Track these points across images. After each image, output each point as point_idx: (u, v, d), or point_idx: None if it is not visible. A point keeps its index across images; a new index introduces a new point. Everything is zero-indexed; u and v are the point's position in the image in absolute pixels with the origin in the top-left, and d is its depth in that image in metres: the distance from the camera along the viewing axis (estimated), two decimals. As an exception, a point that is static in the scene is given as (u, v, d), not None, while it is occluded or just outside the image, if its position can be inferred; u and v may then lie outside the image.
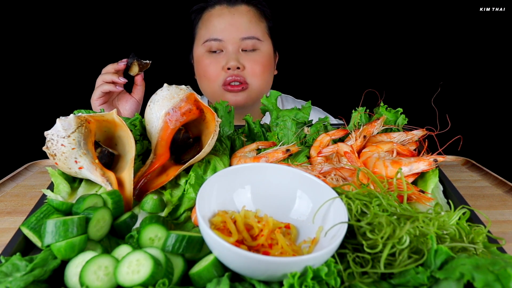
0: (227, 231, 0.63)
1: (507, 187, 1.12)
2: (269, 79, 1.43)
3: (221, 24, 1.33)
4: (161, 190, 0.83)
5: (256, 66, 1.34)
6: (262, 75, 1.37)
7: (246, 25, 1.33)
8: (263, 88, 1.41)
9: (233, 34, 1.32)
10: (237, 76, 1.33)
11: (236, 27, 1.32)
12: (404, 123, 1.05)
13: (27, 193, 1.12)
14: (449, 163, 1.31)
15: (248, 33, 1.33)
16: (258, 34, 1.34)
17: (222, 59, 1.34)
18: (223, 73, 1.34)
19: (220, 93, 1.38)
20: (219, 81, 1.36)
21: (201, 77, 1.42)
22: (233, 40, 1.33)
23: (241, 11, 1.34)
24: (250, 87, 1.37)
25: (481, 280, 0.47)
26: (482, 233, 0.65)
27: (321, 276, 0.55)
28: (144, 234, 0.64)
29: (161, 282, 0.55)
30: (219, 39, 1.33)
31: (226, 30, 1.33)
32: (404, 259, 0.57)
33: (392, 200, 0.67)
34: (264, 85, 1.41)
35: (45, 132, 0.81)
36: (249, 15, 1.35)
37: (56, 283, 0.59)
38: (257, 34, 1.34)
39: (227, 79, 1.34)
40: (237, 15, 1.33)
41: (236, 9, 1.35)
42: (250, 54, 1.35)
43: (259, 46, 1.35)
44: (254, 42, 1.34)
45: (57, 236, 0.60)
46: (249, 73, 1.35)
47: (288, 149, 0.95)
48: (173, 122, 0.87)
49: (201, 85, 1.46)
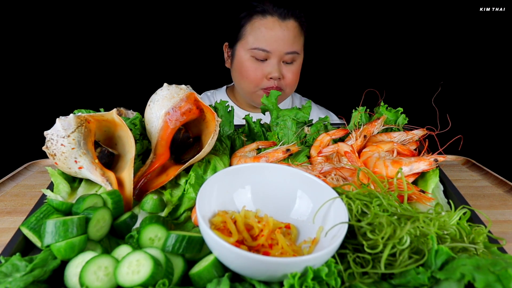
0: (227, 231, 0.63)
1: (507, 187, 1.12)
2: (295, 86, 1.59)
3: (271, 37, 1.42)
4: (161, 190, 0.83)
5: (293, 77, 1.50)
6: (295, 83, 1.56)
7: (292, 40, 1.43)
8: (292, 92, 1.62)
9: (280, 47, 1.42)
10: (277, 84, 1.48)
11: (283, 42, 1.42)
12: (404, 123, 1.05)
13: (27, 193, 1.12)
14: (450, 163, 1.30)
15: (292, 48, 1.44)
16: (298, 49, 1.47)
17: (265, 68, 1.46)
18: (265, 80, 1.48)
19: (257, 93, 1.52)
20: (259, 84, 1.49)
21: (242, 76, 1.52)
22: (278, 53, 1.43)
23: (290, 26, 1.43)
24: (283, 92, 1.53)
25: (481, 280, 0.47)
26: (483, 233, 0.64)
27: (321, 277, 0.55)
28: (144, 234, 0.64)
29: (161, 283, 0.55)
30: (267, 50, 1.43)
31: (275, 43, 1.42)
32: (405, 259, 0.57)
33: (393, 200, 0.67)
34: (294, 90, 1.60)
35: (45, 132, 0.81)
36: (295, 30, 1.45)
37: (56, 283, 0.59)
38: (298, 49, 1.47)
39: (268, 86, 1.48)
40: (286, 30, 1.42)
41: (286, 24, 1.43)
42: (289, 66, 1.48)
43: (296, 58, 1.49)
44: (294, 56, 1.47)
45: (57, 236, 0.60)
46: (286, 82, 1.50)
47: (288, 149, 0.95)
48: (173, 121, 0.87)
49: (239, 81, 1.57)
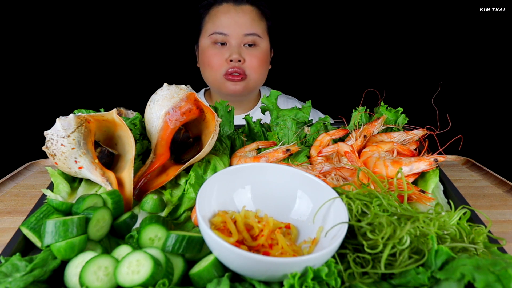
0: (227, 231, 0.63)
1: (507, 187, 1.12)
2: (264, 73, 1.60)
3: (227, 20, 1.48)
4: (161, 190, 0.83)
5: (255, 60, 1.50)
6: (259, 68, 1.53)
7: (249, 22, 1.48)
8: (259, 80, 1.58)
9: (237, 30, 1.47)
10: (238, 68, 1.49)
11: (240, 24, 1.48)
12: (404, 123, 1.05)
13: (27, 193, 1.12)
14: (450, 163, 1.30)
15: (250, 30, 1.48)
16: (258, 32, 1.50)
17: (225, 52, 1.49)
18: (225, 64, 1.49)
19: (221, 81, 1.53)
20: (221, 70, 1.51)
21: (205, 66, 1.56)
22: (236, 35, 1.48)
23: (245, 10, 1.50)
24: (248, 78, 1.53)
25: (482, 280, 0.47)
26: (483, 233, 0.64)
27: (321, 277, 0.54)
28: (144, 234, 0.64)
29: (161, 283, 0.55)
30: (224, 33, 1.48)
31: (231, 26, 1.48)
32: (405, 259, 0.57)
33: (393, 200, 0.67)
34: (260, 77, 1.58)
35: (45, 132, 0.81)
36: (252, 14, 1.50)
37: (56, 283, 0.59)
38: (258, 32, 1.50)
39: (229, 70, 1.49)
40: (242, 13, 1.49)
41: (241, 7, 1.50)
42: (250, 49, 1.50)
43: (258, 42, 1.51)
44: (255, 38, 1.49)
45: (57, 236, 0.60)
46: (248, 66, 1.51)
47: (288, 149, 0.95)
48: (173, 121, 0.87)
49: (204, 73, 1.60)
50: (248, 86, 1.55)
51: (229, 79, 1.50)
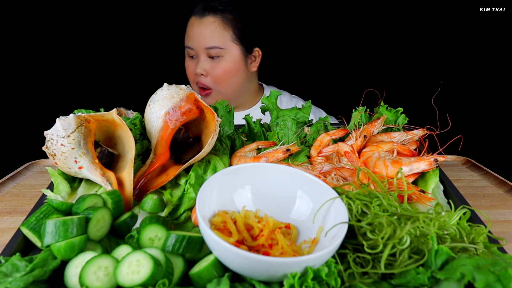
0: (227, 231, 0.63)
1: (507, 187, 1.12)
2: (234, 82, 1.57)
3: (193, 34, 1.52)
4: (161, 190, 0.83)
5: (219, 72, 1.51)
6: (225, 80, 1.53)
7: (209, 35, 1.48)
8: (229, 91, 1.57)
9: (200, 43, 1.50)
10: (202, 82, 1.54)
11: (201, 38, 1.49)
12: (404, 123, 1.05)
13: (27, 193, 1.12)
14: (450, 163, 1.30)
15: (210, 43, 1.48)
16: (220, 43, 1.48)
17: (195, 64, 1.55)
18: (195, 77, 1.56)
19: (197, 91, 1.59)
20: (195, 82, 1.58)
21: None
22: (199, 49, 1.51)
23: (206, 23, 1.48)
24: (214, 91, 1.56)
25: (482, 280, 0.47)
26: (483, 233, 0.64)
27: (321, 277, 0.55)
28: (144, 234, 0.64)
29: (161, 283, 0.55)
30: (191, 47, 1.53)
31: (195, 39, 1.51)
32: (405, 259, 0.57)
33: (393, 200, 0.67)
34: (231, 88, 1.57)
35: (45, 132, 0.81)
36: (214, 25, 1.48)
37: (56, 283, 0.59)
38: (219, 44, 1.48)
39: (198, 83, 1.57)
40: (203, 26, 1.49)
41: (203, 20, 1.49)
42: (214, 62, 1.51)
43: (223, 53, 1.49)
44: (217, 50, 1.49)
45: (57, 236, 0.60)
46: (212, 79, 1.53)
47: (288, 149, 0.95)
48: (173, 121, 0.87)
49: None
50: (219, 97, 1.54)
51: (201, 93, 1.57)
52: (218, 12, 1.48)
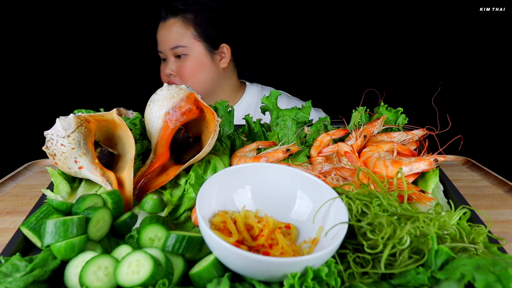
0: (227, 231, 0.63)
1: (507, 187, 1.12)
2: (202, 78, 1.63)
3: (160, 37, 1.61)
4: (161, 190, 0.83)
5: (184, 69, 1.58)
6: (192, 76, 1.59)
7: (172, 36, 1.56)
8: (197, 87, 1.62)
9: (165, 45, 1.59)
10: (172, 81, 1.61)
11: (165, 40, 1.58)
12: (404, 123, 1.05)
13: (27, 193, 1.12)
14: (450, 163, 1.30)
15: (173, 43, 1.56)
16: (182, 42, 1.55)
17: (165, 67, 1.64)
18: (167, 78, 1.64)
19: None
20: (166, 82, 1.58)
21: None
22: (166, 51, 1.60)
23: (169, 25, 1.57)
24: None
25: (482, 280, 0.47)
26: (483, 233, 0.64)
27: (321, 277, 0.55)
28: (144, 234, 0.64)
29: (161, 283, 0.55)
30: (160, 51, 1.63)
31: (162, 43, 1.61)
32: (405, 259, 0.57)
33: (393, 200, 0.67)
34: (197, 84, 1.62)
35: (45, 132, 0.81)
36: (175, 26, 1.56)
37: (56, 283, 0.59)
38: (182, 42, 1.55)
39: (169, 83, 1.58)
40: (166, 29, 1.58)
41: (166, 23, 1.58)
42: (180, 61, 1.59)
43: (187, 51, 1.57)
44: (181, 49, 1.56)
45: (57, 236, 0.60)
46: (180, 77, 1.60)
47: (288, 149, 0.95)
48: (173, 121, 0.87)
49: None
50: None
51: None
52: (179, 12, 1.56)
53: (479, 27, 2.29)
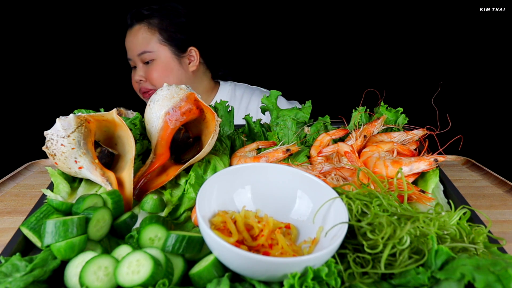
0: (227, 231, 0.63)
1: (507, 187, 1.12)
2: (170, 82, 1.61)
3: (127, 45, 1.63)
4: (161, 190, 0.83)
5: (154, 73, 1.58)
6: (160, 81, 1.59)
7: (138, 42, 1.57)
8: None
9: (133, 52, 1.60)
10: (143, 87, 1.64)
11: (132, 46, 1.60)
12: (404, 123, 1.05)
13: (27, 193, 1.12)
14: (450, 163, 1.30)
15: (139, 49, 1.57)
16: (148, 48, 1.56)
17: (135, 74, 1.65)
18: (137, 85, 1.67)
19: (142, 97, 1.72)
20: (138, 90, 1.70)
21: None
22: (134, 58, 1.61)
23: (135, 31, 1.58)
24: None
25: (482, 280, 0.47)
26: (483, 233, 0.64)
27: (321, 277, 0.55)
28: (144, 234, 0.64)
29: (161, 283, 0.55)
30: (129, 58, 1.65)
31: (129, 49, 1.62)
32: (405, 259, 0.57)
33: (393, 200, 0.67)
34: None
35: (45, 132, 0.81)
36: (140, 32, 1.57)
37: (56, 283, 0.59)
38: (147, 48, 1.56)
39: (140, 89, 1.67)
40: (131, 36, 1.59)
41: (131, 30, 1.59)
42: (148, 66, 1.60)
43: (153, 56, 1.57)
44: (148, 54, 1.57)
45: (57, 236, 0.60)
46: (150, 82, 1.61)
47: (288, 149, 0.95)
48: (173, 121, 0.87)
49: None
50: None
51: (145, 97, 1.68)
52: (144, 18, 1.56)
53: (479, 27, 2.29)
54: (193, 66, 1.64)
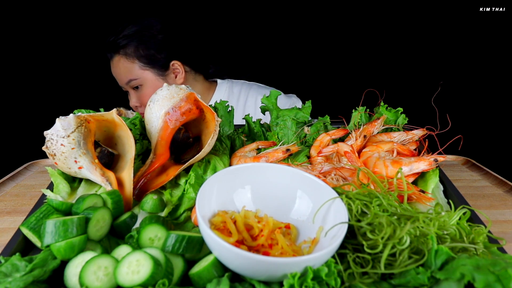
0: (227, 231, 0.63)
1: (507, 187, 1.12)
2: None
3: (114, 74, 1.64)
4: (161, 190, 0.83)
5: (144, 99, 1.59)
6: None
7: (121, 72, 1.58)
8: None
9: (121, 82, 1.62)
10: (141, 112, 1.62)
11: (118, 76, 1.62)
12: (404, 123, 1.05)
13: (27, 193, 1.12)
14: (450, 163, 1.30)
15: (125, 78, 1.58)
16: (132, 75, 1.57)
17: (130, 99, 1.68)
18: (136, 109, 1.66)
19: None
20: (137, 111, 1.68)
21: None
22: (123, 86, 1.63)
23: (116, 63, 1.59)
24: None
25: (481, 280, 0.47)
26: (483, 233, 0.64)
27: (321, 277, 0.54)
28: (144, 234, 0.64)
29: (161, 283, 0.55)
30: (120, 85, 1.66)
31: (117, 78, 1.64)
32: (405, 259, 0.57)
33: (393, 200, 0.67)
34: None
35: (45, 132, 0.81)
36: (120, 62, 1.57)
37: (55, 283, 0.59)
38: (131, 76, 1.57)
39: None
40: (114, 67, 1.60)
41: (113, 61, 1.60)
42: (138, 91, 1.61)
43: (141, 82, 1.58)
44: (134, 82, 1.58)
45: (56, 236, 0.60)
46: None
47: (288, 149, 0.95)
48: (173, 121, 0.87)
49: None
50: None
51: None
52: (119, 49, 1.55)
53: (479, 27, 2.29)
54: (180, 78, 1.63)
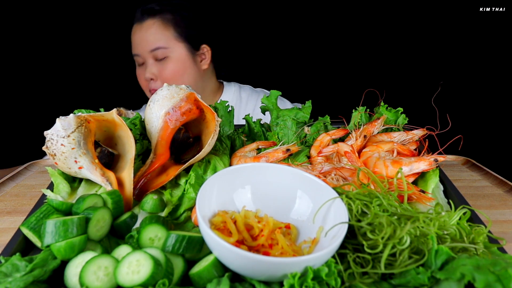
0: (227, 231, 0.63)
1: (507, 187, 1.11)
2: (185, 81, 1.56)
3: (136, 40, 1.54)
4: (161, 190, 0.83)
5: (167, 72, 1.52)
6: (174, 80, 1.52)
7: (151, 37, 1.50)
8: None
9: (144, 48, 1.51)
10: (153, 87, 1.55)
11: (144, 42, 1.51)
12: (404, 123, 1.05)
13: (27, 193, 1.12)
14: (450, 163, 1.30)
15: (153, 45, 1.49)
16: (163, 43, 1.49)
17: (143, 71, 1.56)
18: (147, 83, 1.57)
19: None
20: (147, 89, 1.60)
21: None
22: (145, 54, 1.52)
23: (147, 26, 1.50)
24: None
25: (482, 280, 0.47)
26: (483, 233, 0.64)
27: (321, 277, 0.55)
28: (144, 234, 0.64)
29: (161, 283, 0.55)
30: (137, 54, 1.55)
31: (139, 45, 1.53)
32: (405, 259, 0.57)
33: (393, 200, 0.67)
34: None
35: (45, 132, 0.81)
36: (154, 27, 1.50)
37: (56, 283, 0.59)
38: (162, 44, 1.49)
39: (150, 89, 1.57)
40: (143, 30, 1.51)
41: (143, 25, 1.51)
42: (161, 63, 1.52)
43: (168, 53, 1.51)
44: (162, 51, 1.50)
45: (57, 236, 0.60)
46: (163, 80, 1.52)
47: (288, 149, 0.95)
48: (173, 121, 0.87)
49: None
50: None
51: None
52: (157, 13, 1.50)
53: (479, 27, 2.29)
54: (205, 64, 1.61)
